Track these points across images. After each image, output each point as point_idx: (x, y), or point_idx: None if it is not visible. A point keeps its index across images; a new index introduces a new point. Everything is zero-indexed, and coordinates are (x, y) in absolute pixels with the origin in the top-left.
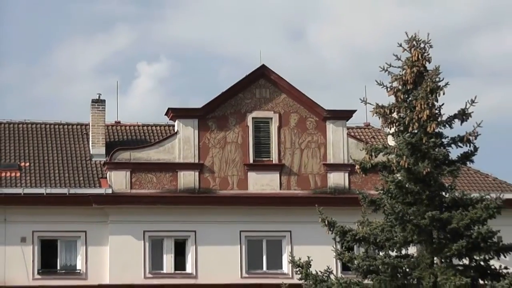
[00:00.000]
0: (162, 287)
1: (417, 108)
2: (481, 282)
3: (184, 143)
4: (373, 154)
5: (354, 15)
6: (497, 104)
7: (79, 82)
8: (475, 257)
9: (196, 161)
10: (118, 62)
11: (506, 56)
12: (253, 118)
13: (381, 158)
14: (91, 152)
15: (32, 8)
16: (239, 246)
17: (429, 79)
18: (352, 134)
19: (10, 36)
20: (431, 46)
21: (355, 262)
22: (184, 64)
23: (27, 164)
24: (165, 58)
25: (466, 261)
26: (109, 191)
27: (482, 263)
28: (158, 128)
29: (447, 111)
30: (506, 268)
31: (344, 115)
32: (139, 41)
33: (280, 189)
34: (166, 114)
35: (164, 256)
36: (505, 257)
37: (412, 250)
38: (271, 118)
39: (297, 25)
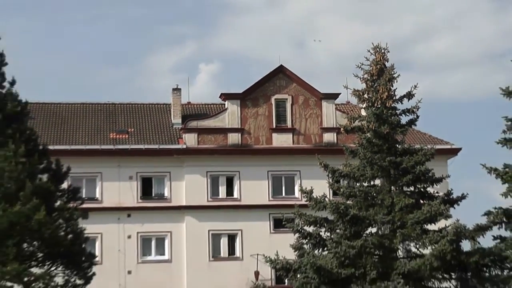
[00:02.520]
0: (219, 207)
1: (380, 91)
2: (421, 202)
3: (231, 115)
4: (352, 121)
5: (338, 30)
6: (430, 87)
7: (163, 77)
8: (417, 186)
9: (239, 126)
10: (187, 64)
11: (434, 57)
12: (275, 99)
13: (357, 123)
14: (172, 121)
15: (135, 31)
16: (267, 181)
17: (387, 73)
18: (338, 108)
19: (120, 47)
20: (388, 51)
21: (341, 190)
22: (229, 64)
23: (132, 129)
24: (217, 61)
25: (412, 188)
26: (184, 146)
27: (422, 189)
28: (214, 106)
29: (399, 93)
30: (437, 193)
31: (333, 96)
32: (200, 50)
33: (293, 144)
34: (220, 97)
35: (220, 187)
36: (436, 185)
37: (377, 182)
38: (287, 99)
39: (301, 38)
